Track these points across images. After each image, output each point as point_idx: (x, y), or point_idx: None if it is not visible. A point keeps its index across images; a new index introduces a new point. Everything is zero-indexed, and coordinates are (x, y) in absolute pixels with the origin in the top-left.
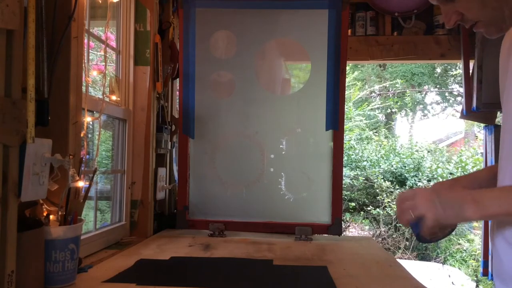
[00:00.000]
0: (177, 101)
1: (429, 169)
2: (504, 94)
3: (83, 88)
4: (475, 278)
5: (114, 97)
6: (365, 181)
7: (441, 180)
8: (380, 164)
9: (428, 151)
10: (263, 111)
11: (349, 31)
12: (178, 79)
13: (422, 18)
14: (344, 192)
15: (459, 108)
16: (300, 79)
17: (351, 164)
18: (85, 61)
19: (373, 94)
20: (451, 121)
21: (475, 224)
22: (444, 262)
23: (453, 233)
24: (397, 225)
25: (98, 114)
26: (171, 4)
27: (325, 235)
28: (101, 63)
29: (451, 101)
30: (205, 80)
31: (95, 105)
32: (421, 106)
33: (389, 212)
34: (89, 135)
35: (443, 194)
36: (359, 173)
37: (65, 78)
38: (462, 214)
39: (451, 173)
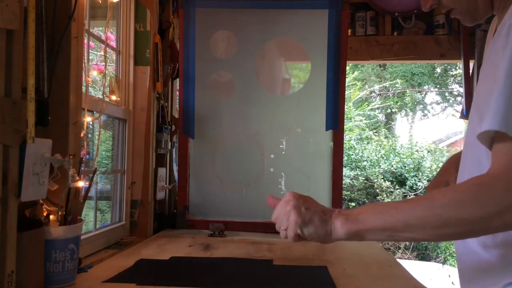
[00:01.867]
0: (177, 101)
1: (429, 169)
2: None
3: (83, 88)
4: None
5: (114, 97)
6: (365, 181)
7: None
8: (380, 164)
9: (428, 151)
10: (263, 111)
11: (349, 31)
12: (178, 79)
13: (422, 18)
14: (344, 192)
15: (459, 108)
16: (300, 79)
17: (351, 164)
18: (85, 61)
19: (373, 94)
20: (451, 121)
21: None
22: (444, 262)
23: None
24: None
25: (98, 114)
26: (171, 4)
27: None
28: (101, 63)
29: (451, 101)
30: (205, 80)
31: (95, 105)
32: (421, 106)
33: None
34: (89, 135)
35: (309, 205)
36: (359, 173)
37: (65, 78)
38: (325, 226)
39: None
